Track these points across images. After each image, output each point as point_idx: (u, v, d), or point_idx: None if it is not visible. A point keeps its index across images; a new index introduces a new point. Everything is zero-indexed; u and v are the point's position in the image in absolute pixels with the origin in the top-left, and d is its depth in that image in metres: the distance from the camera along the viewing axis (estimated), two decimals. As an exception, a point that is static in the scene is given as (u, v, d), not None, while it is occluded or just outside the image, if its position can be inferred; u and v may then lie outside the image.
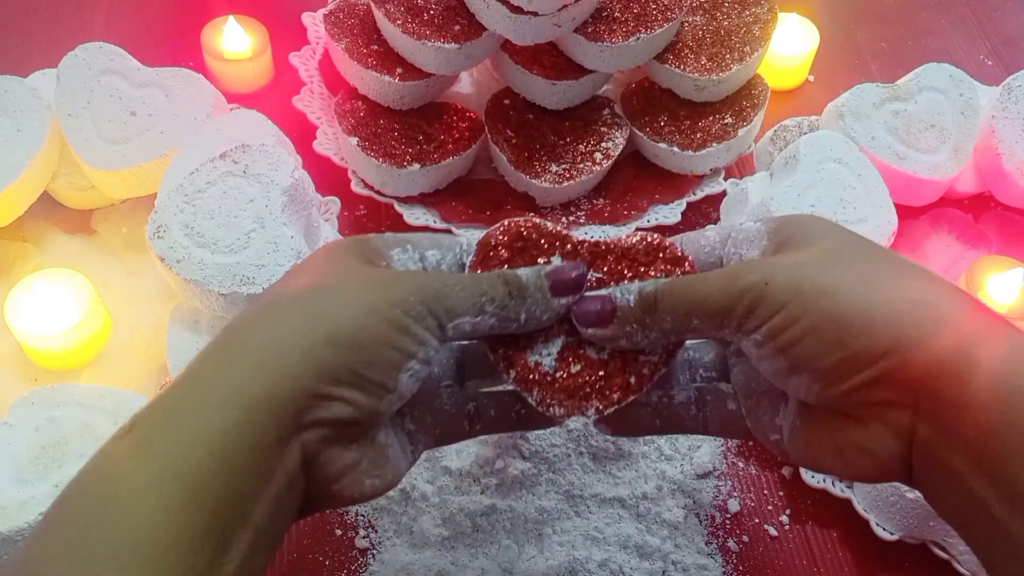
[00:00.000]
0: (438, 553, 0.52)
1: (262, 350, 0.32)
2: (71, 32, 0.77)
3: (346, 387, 0.33)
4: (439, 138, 0.66)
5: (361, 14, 0.66)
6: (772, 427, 0.38)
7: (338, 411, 0.33)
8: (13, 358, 0.57)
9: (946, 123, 0.63)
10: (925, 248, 0.65)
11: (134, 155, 0.58)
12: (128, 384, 0.53)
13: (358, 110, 0.66)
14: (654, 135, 0.67)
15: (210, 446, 0.30)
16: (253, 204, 0.51)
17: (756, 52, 0.66)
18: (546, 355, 0.39)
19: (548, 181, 0.65)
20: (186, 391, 0.32)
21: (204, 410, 0.31)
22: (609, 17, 0.63)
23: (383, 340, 0.34)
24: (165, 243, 0.50)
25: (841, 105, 0.62)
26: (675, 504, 0.54)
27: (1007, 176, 0.63)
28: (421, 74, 0.64)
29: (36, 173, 0.58)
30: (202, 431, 0.30)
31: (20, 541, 0.43)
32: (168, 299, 0.57)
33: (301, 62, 0.72)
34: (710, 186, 0.69)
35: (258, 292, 0.49)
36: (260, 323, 0.34)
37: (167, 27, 0.79)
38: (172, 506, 0.29)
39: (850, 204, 0.56)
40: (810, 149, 0.58)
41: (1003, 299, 0.59)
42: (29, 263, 0.60)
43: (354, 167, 0.66)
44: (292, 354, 0.32)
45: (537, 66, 0.65)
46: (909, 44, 0.84)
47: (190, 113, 0.59)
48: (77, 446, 0.46)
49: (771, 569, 0.53)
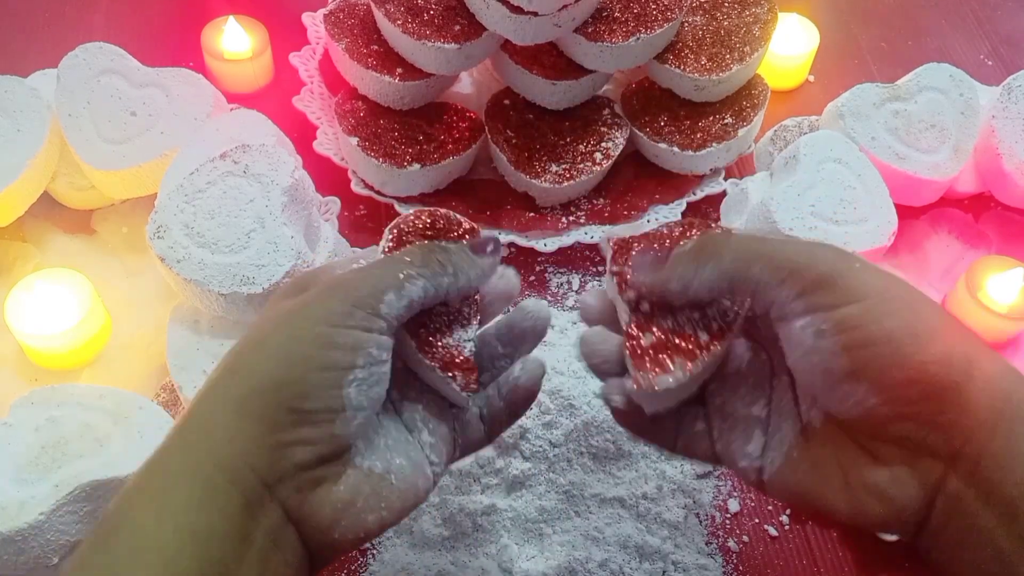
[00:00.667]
0: (438, 553, 0.52)
1: (205, 421, 0.32)
2: (71, 32, 0.77)
3: (291, 428, 0.32)
4: (439, 138, 0.66)
5: (361, 14, 0.66)
6: (743, 453, 0.37)
7: (300, 456, 0.32)
8: (13, 358, 0.57)
9: (946, 123, 0.63)
10: (925, 248, 0.65)
11: (134, 155, 0.58)
12: (128, 384, 0.53)
13: (358, 110, 0.66)
14: (654, 135, 0.67)
15: (176, 521, 0.30)
16: (253, 204, 0.51)
17: (756, 52, 0.66)
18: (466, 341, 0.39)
19: (548, 181, 0.65)
20: (152, 471, 0.32)
21: (168, 488, 0.31)
22: (609, 17, 0.63)
23: (307, 366, 0.33)
24: (165, 243, 0.50)
25: (841, 105, 0.62)
26: (675, 504, 0.54)
27: (1007, 176, 0.63)
28: (421, 74, 0.64)
29: (36, 173, 0.58)
30: (167, 509, 0.30)
31: (20, 541, 0.43)
32: (168, 299, 0.57)
33: (301, 62, 0.72)
34: (710, 186, 0.69)
35: (258, 292, 0.49)
36: (206, 395, 0.34)
37: (167, 27, 0.79)
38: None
39: (850, 204, 0.56)
40: (810, 149, 0.58)
41: (1003, 299, 0.59)
42: (29, 263, 0.60)
43: (354, 167, 0.66)
44: (228, 419, 0.32)
45: (537, 66, 0.65)
46: (909, 44, 0.84)
47: (190, 113, 0.59)
48: (77, 446, 0.46)
49: (771, 569, 0.53)
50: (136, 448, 0.46)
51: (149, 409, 0.48)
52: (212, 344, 0.51)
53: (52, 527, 0.44)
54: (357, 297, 0.34)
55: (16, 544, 0.43)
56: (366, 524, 0.33)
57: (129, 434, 0.47)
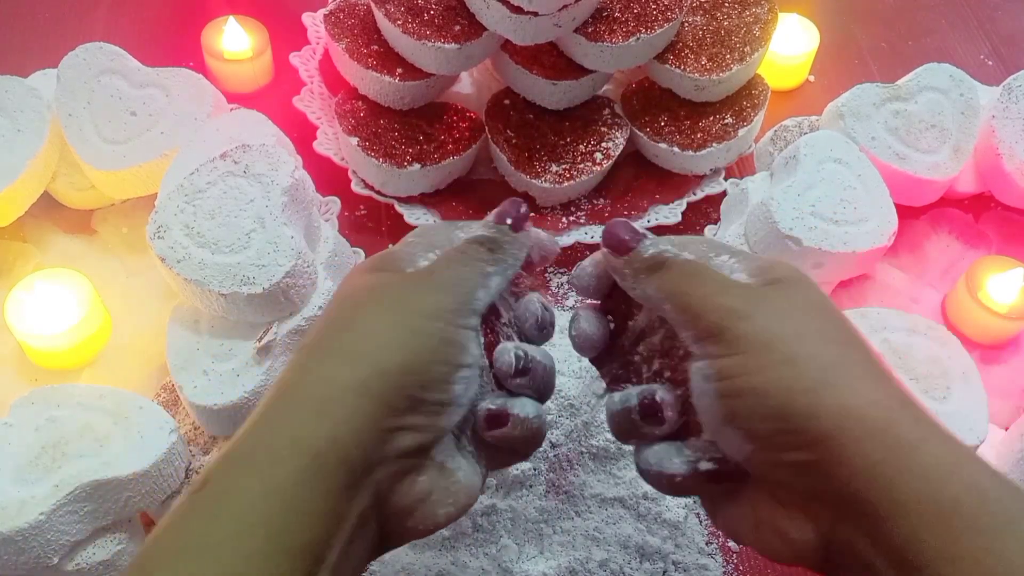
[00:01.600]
0: (438, 553, 0.52)
1: (320, 396, 0.33)
2: (71, 32, 0.77)
3: (407, 415, 0.33)
4: (439, 138, 0.66)
5: (361, 14, 0.66)
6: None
7: (405, 442, 0.33)
8: (13, 358, 0.57)
9: (946, 123, 0.63)
10: (925, 248, 0.65)
11: (134, 155, 0.58)
12: (128, 384, 0.53)
13: (358, 110, 0.66)
14: (654, 135, 0.67)
15: (283, 496, 0.30)
16: (253, 204, 0.51)
17: (756, 52, 0.66)
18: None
19: (548, 181, 0.65)
20: (255, 442, 0.32)
21: (274, 461, 0.31)
22: (609, 17, 0.63)
23: (431, 358, 0.34)
24: (165, 243, 0.50)
25: (841, 105, 0.62)
26: (675, 504, 0.54)
27: (1007, 176, 0.63)
28: (421, 74, 0.64)
29: (36, 173, 0.58)
30: (274, 481, 0.31)
31: (20, 541, 0.43)
32: (168, 299, 0.57)
33: (301, 62, 0.72)
34: (710, 186, 0.69)
35: (258, 292, 0.49)
36: (314, 368, 0.34)
37: (167, 27, 0.79)
38: (253, 555, 0.29)
39: (850, 204, 0.56)
40: (810, 149, 0.58)
41: (1003, 299, 0.59)
42: (29, 263, 0.60)
43: (354, 167, 0.66)
44: (347, 397, 0.32)
45: (537, 66, 0.65)
46: (909, 44, 0.84)
47: (190, 113, 0.59)
48: (77, 446, 0.46)
49: (771, 569, 0.53)
50: (136, 448, 0.46)
51: (149, 409, 0.48)
52: (212, 344, 0.51)
53: (52, 527, 0.44)
54: (463, 294, 0.36)
55: (16, 544, 0.43)
56: (436, 516, 0.34)
57: (129, 434, 0.47)
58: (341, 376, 0.33)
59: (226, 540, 0.29)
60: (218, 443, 0.51)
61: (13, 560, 0.44)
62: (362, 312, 0.35)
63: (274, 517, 0.30)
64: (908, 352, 0.52)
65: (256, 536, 0.30)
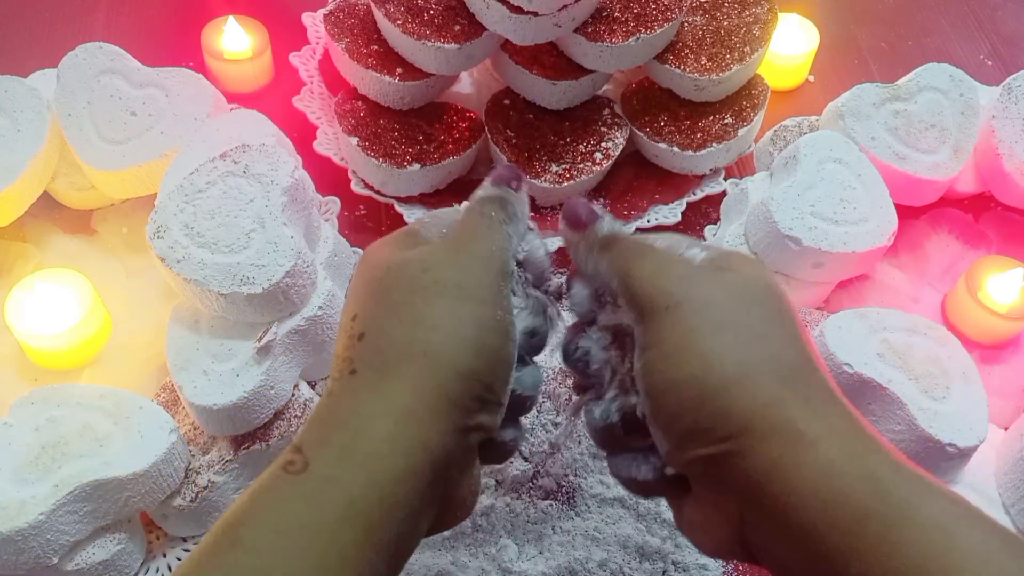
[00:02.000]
0: (438, 553, 0.52)
1: (407, 396, 0.33)
2: (71, 32, 0.77)
3: (476, 415, 0.34)
4: (439, 138, 0.66)
5: (361, 14, 0.66)
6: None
7: (473, 440, 0.34)
8: (13, 358, 0.57)
9: (946, 123, 0.63)
10: (925, 248, 0.65)
11: (134, 155, 0.58)
12: (128, 384, 0.53)
13: (358, 110, 0.66)
14: (654, 135, 0.67)
15: (381, 491, 0.31)
16: (253, 204, 0.51)
17: (756, 52, 0.66)
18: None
19: (548, 181, 0.65)
20: (353, 433, 0.33)
21: (376, 456, 0.32)
22: (609, 17, 0.63)
23: (494, 358, 0.35)
24: (165, 243, 0.50)
25: (841, 105, 0.62)
26: (675, 504, 0.54)
27: (1007, 176, 0.63)
28: (421, 74, 0.64)
29: (36, 173, 0.58)
30: (375, 476, 0.31)
31: (20, 541, 0.43)
32: (168, 299, 0.57)
33: (301, 62, 0.72)
34: (710, 186, 0.69)
35: (258, 292, 0.49)
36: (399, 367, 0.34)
37: (167, 27, 0.79)
38: (348, 545, 0.30)
39: (850, 204, 0.56)
40: (810, 149, 0.58)
41: (1003, 299, 0.59)
42: (29, 263, 0.60)
43: (354, 167, 0.66)
44: (430, 399, 0.33)
45: (537, 66, 0.65)
46: (909, 44, 0.84)
47: (190, 113, 0.59)
48: (77, 446, 0.46)
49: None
50: (136, 448, 0.46)
51: (149, 409, 0.48)
52: (212, 344, 0.51)
53: (52, 527, 0.44)
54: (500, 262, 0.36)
55: (16, 544, 0.43)
56: (467, 513, 0.36)
57: (129, 434, 0.47)
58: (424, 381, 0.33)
59: (326, 527, 0.30)
60: (218, 443, 0.51)
61: (13, 560, 0.44)
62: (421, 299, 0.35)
63: (372, 511, 0.31)
64: (908, 352, 0.52)
65: (356, 528, 0.31)
